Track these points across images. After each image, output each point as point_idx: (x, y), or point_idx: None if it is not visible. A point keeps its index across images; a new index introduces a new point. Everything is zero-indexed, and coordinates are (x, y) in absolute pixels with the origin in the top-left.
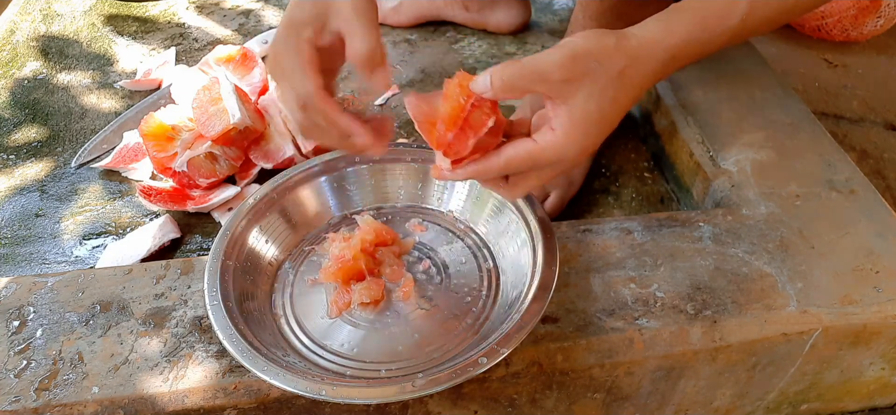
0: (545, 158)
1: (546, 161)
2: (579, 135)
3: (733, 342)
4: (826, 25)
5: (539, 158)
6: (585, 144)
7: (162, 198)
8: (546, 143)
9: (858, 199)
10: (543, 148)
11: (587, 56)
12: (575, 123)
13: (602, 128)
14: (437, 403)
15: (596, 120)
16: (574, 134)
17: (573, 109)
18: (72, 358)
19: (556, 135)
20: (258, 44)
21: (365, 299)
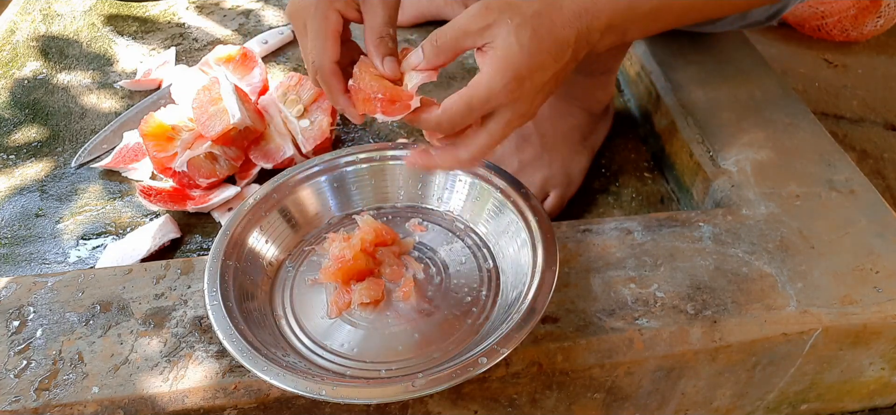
0: (477, 96)
1: (479, 99)
2: (504, 68)
3: (733, 342)
4: (826, 25)
5: (473, 98)
6: (512, 77)
7: (162, 198)
8: (474, 82)
9: (858, 199)
10: (473, 87)
11: (500, 2)
12: (498, 58)
13: (530, 63)
14: (437, 403)
15: (517, 52)
16: (499, 67)
17: (495, 49)
18: (72, 358)
19: (483, 73)
20: (258, 44)
21: (365, 299)
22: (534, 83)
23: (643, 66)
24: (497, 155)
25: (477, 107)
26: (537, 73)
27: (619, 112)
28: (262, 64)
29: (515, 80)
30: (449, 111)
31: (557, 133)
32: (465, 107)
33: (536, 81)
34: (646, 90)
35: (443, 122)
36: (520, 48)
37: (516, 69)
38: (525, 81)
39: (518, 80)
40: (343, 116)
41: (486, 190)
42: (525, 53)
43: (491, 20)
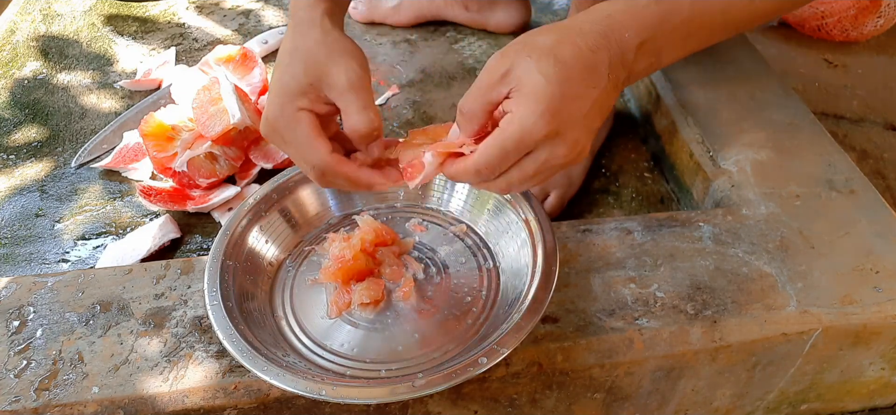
0: (510, 138)
1: (512, 141)
2: (534, 103)
3: (733, 342)
4: (826, 25)
5: (505, 141)
6: (544, 110)
7: (162, 198)
8: (506, 122)
9: (858, 199)
10: (503, 129)
11: (513, 44)
12: (525, 94)
13: (561, 92)
14: (437, 403)
15: (545, 86)
16: (528, 104)
17: (521, 89)
18: (72, 358)
19: (515, 113)
20: (258, 44)
21: (365, 300)
22: (571, 114)
23: None
24: None
25: (512, 149)
26: (573, 103)
27: (619, 112)
28: (262, 64)
29: (549, 114)
30: (484, 158)
31: None
32: (500, 151)
33: (574, 112)
34: (646, 90)
35: (479, 170)
36: (546, 81)
37: (548, 102)
38: (561, 113)
39: (552, 114)
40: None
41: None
42: (554, 84)
43: (509, 65)
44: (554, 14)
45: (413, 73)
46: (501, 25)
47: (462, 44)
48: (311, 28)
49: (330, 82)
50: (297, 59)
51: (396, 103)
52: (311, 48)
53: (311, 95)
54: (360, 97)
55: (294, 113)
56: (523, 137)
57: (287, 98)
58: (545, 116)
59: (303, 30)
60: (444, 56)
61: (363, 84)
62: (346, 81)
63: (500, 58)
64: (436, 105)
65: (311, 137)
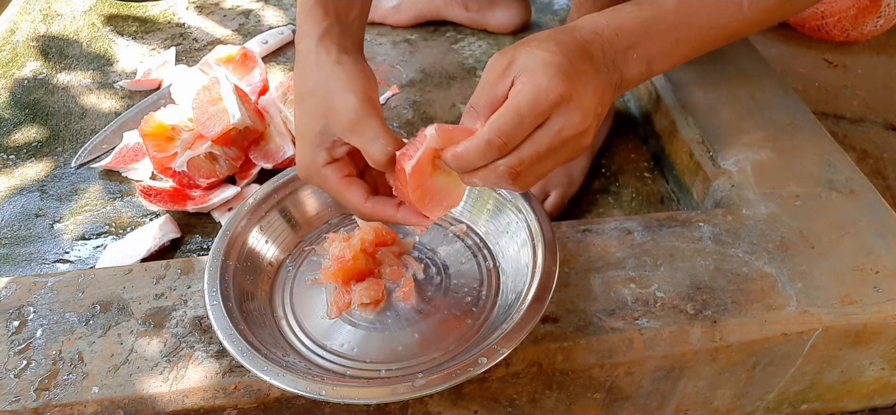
0: (524, 100)
1: (527, 103)
2: (542, 68)
3: (733, 342)
4: (826, 25)
5: (520, 105)
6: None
7: (162, 198)
8: (517, 90)
9: (858, 199)
10: (517, 91)
11: (512, 47)
12: (531, 67)
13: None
14: (437, 403)
15: (549, 56)
16: (537, 70)
17: (527, 68)
18: (72, 358)
19: (526, 80)
20: (258, 44)
21: (365, 300)
22: (581, 80)
23: None
24: None
25: (527, 112)
26: (580, 74)
27: (619, 112)
28: (262, 64)
29: (561, 74)
30: (496, 125)
31: None
32: (514, 116)
33: (584, 80)
34: (646, 90)
35: (493, 139)
36: (551, 55)
37: (558, 66)
38: (571, 76)
39: (564, 75)
40: None
41: (486, 190)
42: (559, 54)
43: (510, 57)
44: (554, 14)
45: (413, 73)
46: (501, 25)
47: (462, 44)
48: (307, 67)
49: (336, 127)
50: (304, 108)
51: (396, 103)
52: (311, 93)
53: (327, 142)
54: (367, 131)
55: (319, 169)
56: (538, 97)
57: (310, 149)
58: (558, 76)
59: (302, 69)
60: (444, 56)
61: (366, 115)
62: (348, 121)
63: (500, 55)
64: (436, 105)
65: (342, 188)
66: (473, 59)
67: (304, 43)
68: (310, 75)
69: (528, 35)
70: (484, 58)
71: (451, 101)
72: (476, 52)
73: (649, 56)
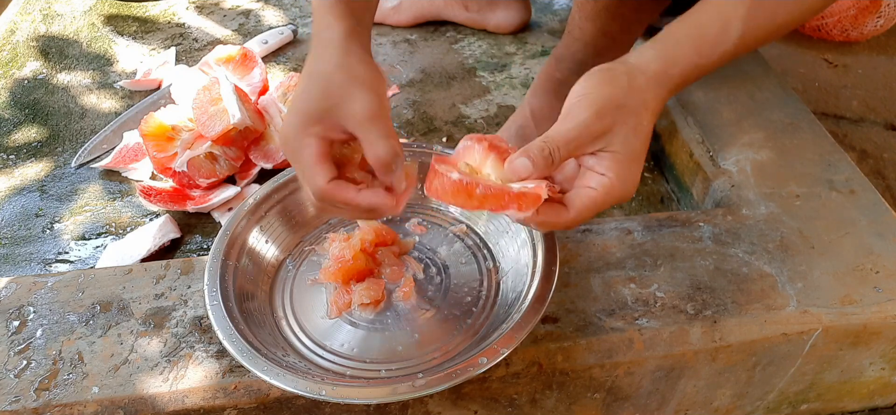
0: (609, 200)
1: (609, 203)
2: (630, 171)
3: (733, 342)
4: (826, 25)
5: (604, 203)
6: (636, 176)
7: (162, 198)
8: (606, 187)
9: (858, 199)
10: (607, 192)
11: (610, 105)
12: (623, 163)
13: (642, 156)
14: (437, 403)
15: (639, 153)
16: (626, 172)
17: (618, 154)
18: (72, 358)
19: (613, 179)
20: (258, 44)
21: (365, 300)
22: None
23: None
24: None
25: (601, 204)
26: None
27: None
28: (262, 64)
29: (631, 182)
30: (583, 214)
31: None
32: (595, 209)
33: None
34: None
35: (571, 223)
36: (640, 149)
37: (639, 168)
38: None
39: (633, 183)
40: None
41: None
42: (642, 151)
43: (605, 128)
44: (554, 14)
45: (413, 73)
46: (501, 25)
47: (462, 44)
48: (330, 51)
49: (347, 112)
50: (314, 84)
51: (396, 103)
52: (330, 73)
53: (327, 122)
54: (380, 127)
55: (304, 137)
56: (621, 197)
57: (300, 121)
58: (634, 181)
59: (322, 52)
60: (444, 56)
61: (382, 113)
62: (363, 113)
63: (598, 119)
64: (436, 105)
65: (314, 162)
66: (473, 59)
67: (327, 33)
68: (329, 59)
69: (527, 35)
70: (484, 58)
71: (451, 101)
72: (476, 52)
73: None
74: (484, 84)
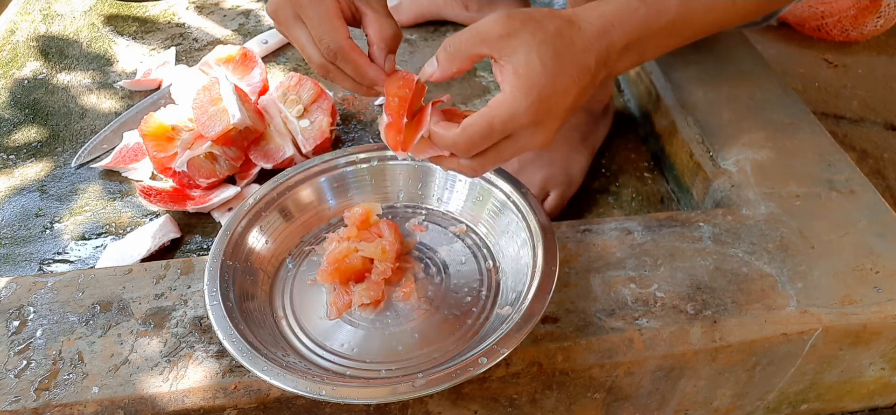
0: (499, 117)
1: (501, 120)
2: (527, 87)
3: (733, 342)
4: (826, 25)
5: (494, 119)
6: (536, 99)
7: (162, 198)
8: (496, 101)
9: (858, 199)
10: (495, 107)
11: (522, 13)
12: (520, 75)
13: (552, 84)
14: (437, 403)
15: (540, 72)
16: (521, 87)
17: (516, 64)
18: (72, 358)
19: (505, 93)
20: (258, 44)
21: (365, 300)
22: (554, 108)
23: (643, 67)
24: None
25: (498, 128)
26: (560, 96)
27: (619, 112)
28: (262, 64)
29: (539, 102)
30: (469, 132)
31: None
32: (487, 128)
33: (557, 107)
34: (646, 90)
35: (459, 143)
36: (543, 68)
37: (540, 90)
38: (547, 102)
39: (542, 101)
40: (343, 116)
41: (487, 190)
42: (549, 74)
43: (513, 30)
44: None
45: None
46: None
47: None
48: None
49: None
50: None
51: None
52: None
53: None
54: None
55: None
56: (511, 120)
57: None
58: (535, 106)
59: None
60: None
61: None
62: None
63: (507, 19)
64: None
65: (332, 16)
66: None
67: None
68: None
69: None
70: None
71: (452, 101)
72: None
73: (643, 49)
74: (484, 84)
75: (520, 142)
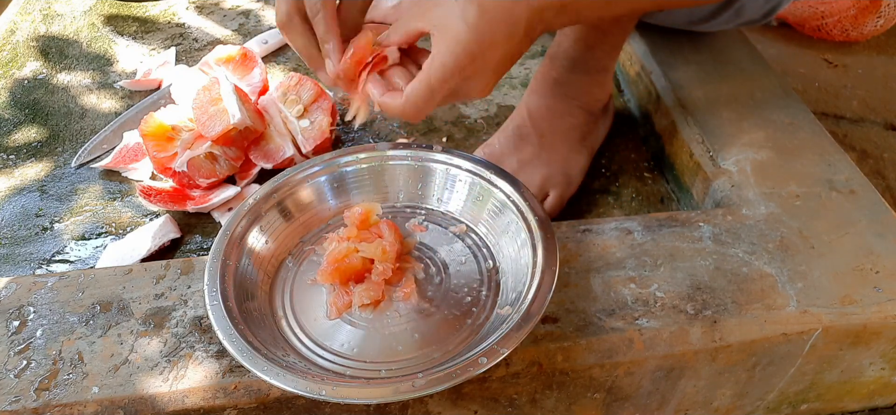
0: (434, 76)
1: (437, 80)
2: (453, 47)
3: (733, 342)
4: (826, 25)
5: (431, 81)
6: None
7: (162, 198)
8: (427, 64)
9: (858, 199)
10: (427, 68)
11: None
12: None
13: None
14: (437, 403)
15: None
16: (448, 47)
17: (444, 28)
18: (72, 358)
19: (434, 54)
20: (258, 44)
21: (365, 300)
22: (486, 61)
23: (643, 67)
24: (496, 154)
25: (437, 88)
26: (489, 51)
27: (619, 112)
28: (262, 64)
29: (467, 58)
30: (412, 98)
31: (556, 132)
32: (427, 91)
33: (489, 60)
34: (646, 90)
35: (407, 109)
36: (467, 27)
37: (466, 47)
38: (477, 59)
39: (470, 58)
40: (343, 116)
41: (487, 190)
42: (474, 31)
43: (434, 2)
44: None
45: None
46: None
47: None
48: None
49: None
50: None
51: None
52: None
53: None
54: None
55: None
56: (445, 77)
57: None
58: (464, 59)
59: None
60: None
61: None
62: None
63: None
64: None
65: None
66: None
67: None
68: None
69: None
70: None
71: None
72: None
73: (578, 9)
74: None
75: (457, 91)
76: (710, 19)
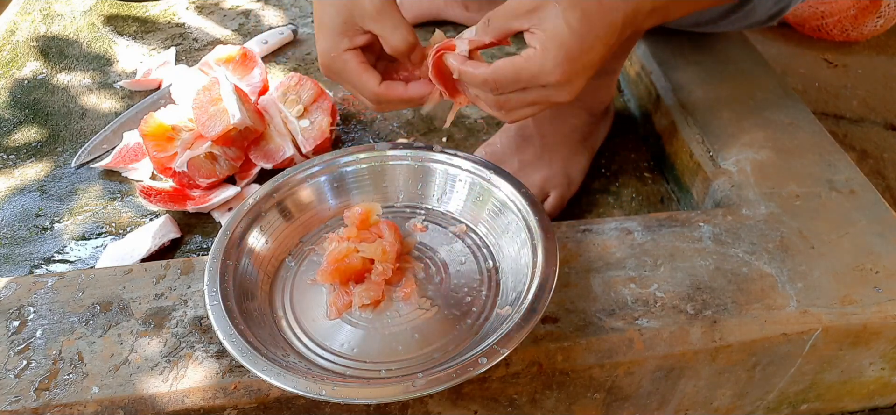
0: (527, 69)
1: (528, 73)
2: (555, 49)
3: (733, 342)
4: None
5: (521, 70)
6: (563, 59)
7: (162, 198)
8: (526, 55)
9: (858, 199)
10: (525, 59)
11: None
12: (549, 37)
13: (579, 45)
14: (437, 403)
15: (568, 36)
16: (550, 47)
17: (546, 29)
18: (72, 358)
19: (535, 50)
20: (258, 44)
21: (365, 301)
22: (583, 66)
23: (643, 67)
24: (498, 154)
25: (524, 80)
26: (587, 55)
27: (619, 112)
28: (262, 64)
29: (567, 62)
30: (498, 73)
31: (558, 133)
32: (513, 75)
33: (585, 64)
34: (646, 90)
35: (488, 80)
36: (570, 31)
37: (567, 50)
38: (575, 62)
39: (570, 62)
40: (343, 116)
41: (487, 190)
42: (576, 36)
43: (539, 2)
44: None
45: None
46: None
47: None
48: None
49: (360, 13)
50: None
51: None
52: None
53: (350, 32)
54: (390, 20)
55: (340, 55)
56: (538, 76)
57: (330, 39)
58: (563, 66)
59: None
60: None
61: (390, 6)
62: (372, 10)
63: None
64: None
65: (360, 73)
66: None
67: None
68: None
69: None
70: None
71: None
72: None
73: (668, 9)
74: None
75: (545, 94)
76: (718, 20)
